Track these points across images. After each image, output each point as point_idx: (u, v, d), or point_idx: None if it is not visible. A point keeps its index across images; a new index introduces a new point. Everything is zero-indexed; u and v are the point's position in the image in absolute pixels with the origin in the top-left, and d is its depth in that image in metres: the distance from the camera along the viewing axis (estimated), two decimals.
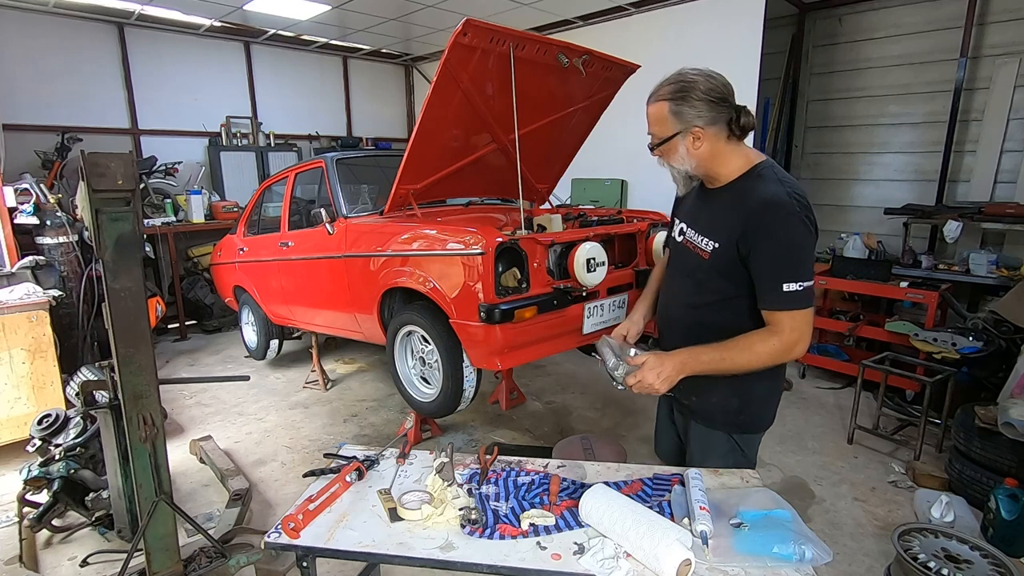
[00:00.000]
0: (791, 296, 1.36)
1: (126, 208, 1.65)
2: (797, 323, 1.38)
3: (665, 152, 1.50)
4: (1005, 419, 2.57)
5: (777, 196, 1.38)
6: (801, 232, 1.36)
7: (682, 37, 5.17)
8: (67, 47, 5.57)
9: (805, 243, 1.37)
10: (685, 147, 1.46)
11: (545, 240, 2.69)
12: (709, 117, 1.41)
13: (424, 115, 2.67)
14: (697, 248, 1.54)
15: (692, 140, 1.44)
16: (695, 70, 1.45)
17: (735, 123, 1.43)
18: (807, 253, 1.39)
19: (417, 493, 1.56)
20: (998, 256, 4.09)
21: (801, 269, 1.37)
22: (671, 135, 1.46)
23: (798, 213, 1.36)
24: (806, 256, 1.39)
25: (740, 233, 1.41)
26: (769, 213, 1.37)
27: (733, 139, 1.46)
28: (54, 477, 2.50)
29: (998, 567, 1.88)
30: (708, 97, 1.40)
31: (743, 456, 1.65)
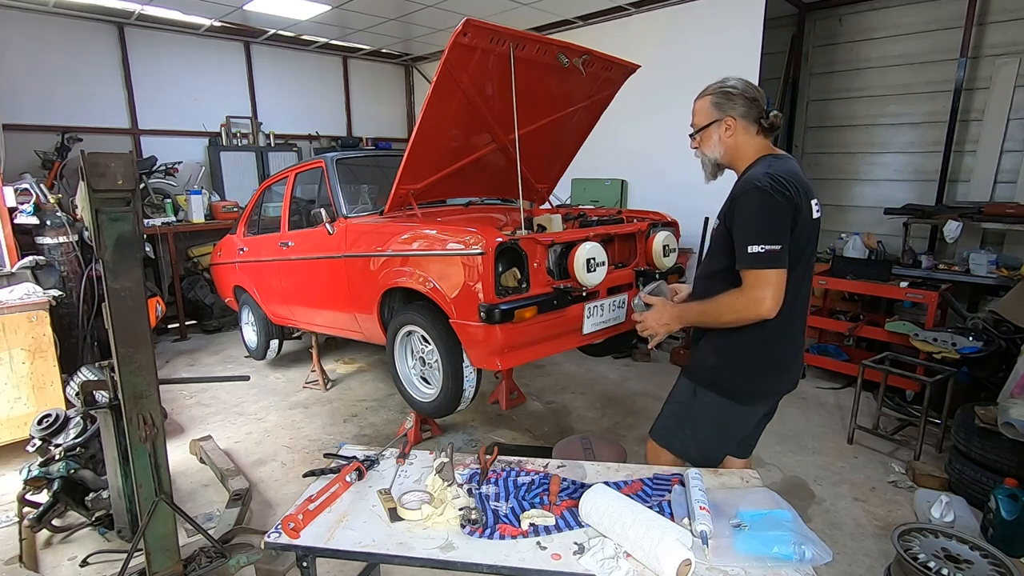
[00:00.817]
0: (754, 256, 1.54)
1: (126, 208, 1.65)
2: (759, 280, 1.55)
3: (702, 139, 1.76)
4: (1005, 419, 2.57)
5: (754, 175, 1.60)
6: (763, 200, 1.54)
7: (682, 37, 5.17)
8: (67, 47, 5.57)
9: (767, 210, 1.54)
10: (718, 135, 1.72)
11: (545, 240, 2.69)
12: (742, 111, 1.68)
13: (424, 115, 2.67)
14: (716, 229, 1.76)
15: (724, 129, 1.71)
16: (737, 78, 1.75)
17: (764, 119, 1.69)
18: (769, 219, 1.55)
19: (417, 493, 1.56)
20: (998, 256, 4.09)
21: (762, 233, 1.54)
22: (709, 123, 1.73)
23: (765, 186, 1.54)
24: (768, 222, 1.54)
25: (728, 209, 1.66)
26: (743, 188, 1.61)
27: (761, 134, 1.71)
28: (54, 477, 2.50)
29: (998, 567, 1.88)
30: (744, 95, 1.69)
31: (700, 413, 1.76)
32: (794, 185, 1.56)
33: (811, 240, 1.66)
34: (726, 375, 1.73)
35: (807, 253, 1.66)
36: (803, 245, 1.62)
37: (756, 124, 1.69)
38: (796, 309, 1.70)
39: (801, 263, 1.64)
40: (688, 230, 4.54)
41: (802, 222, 1.58)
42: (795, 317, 1.71)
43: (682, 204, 4.45)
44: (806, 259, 1.67)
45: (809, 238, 1.65)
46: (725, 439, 1.81)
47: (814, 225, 1.65)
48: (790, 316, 1.66)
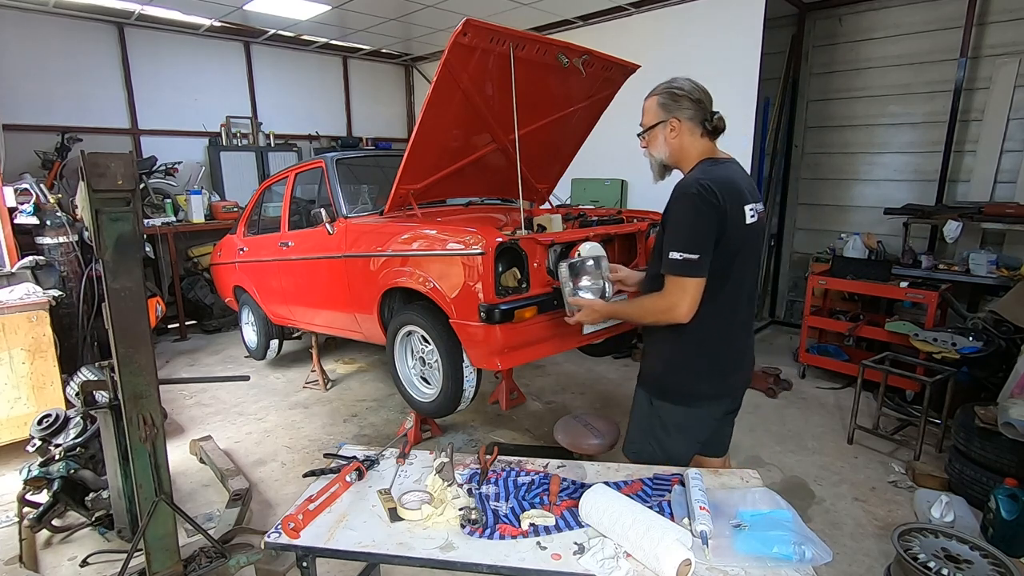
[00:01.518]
0: (672, 263, 1.59)
1: (126, 208, 1.65)
2: (674, 287, 1.61)
3: (649, 140, 1.78)
4: (1005, 419, 2.57)
5: (686, 181, 1.64)
6: (688, 209, 1.58)
7: (682, 37, 5.17)
8: (67, 47, 5.57)
9: (691, 218, 1.58)
10: (664, 136, 1.73)
11: (545, 240, 2.69)
12: (688, 113, 1.69)
13: (424, 115, 2.67)
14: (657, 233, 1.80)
15: (670, 130, 1.72)
16: (685, 78, 1.74)
17: (708, 122, 1.70)
18: (692, 228, 1.58)
19: (417, 493, 1.56)
20: (998, 256, 4.09)
21: (682, 240, 1.58)
22: (655, 123, 1.74)
23: (692, 194, 1.57)
24: (689, 231, 1.58)
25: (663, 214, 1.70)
26: (674, 194, 1.64)
27: (705, 136, 1.72)
28: (54, 477, 2.50)
29: (998, 567, 1.88)
30: (690, 96, 1.69)
31: (659, 422, 1.79)
32: (724, 193, 1.57)
33: (747, 245, 1.67)
34: (672, 381, 1.77)
35: (743, 258, 1.67)
36: (735, 251, 1.63)
37: (701, 126, 1.70)
38: (737, 313, 1.74)
39: (736, 268, 1.66)
40: None
41: (732, 229, 1.60)
42: (735, 321, 1.75)
43: None
44: (742, 263, 1.68)
45: (744, 244, 1.65)
46: (688, 443, 1.82)
47: (750, 230, 1.65)
48: (729, 320, 1.71)
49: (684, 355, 1.74)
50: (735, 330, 1.77)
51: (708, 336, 1.70)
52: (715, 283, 1.63)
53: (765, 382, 4.14)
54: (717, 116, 1.70)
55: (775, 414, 3.83)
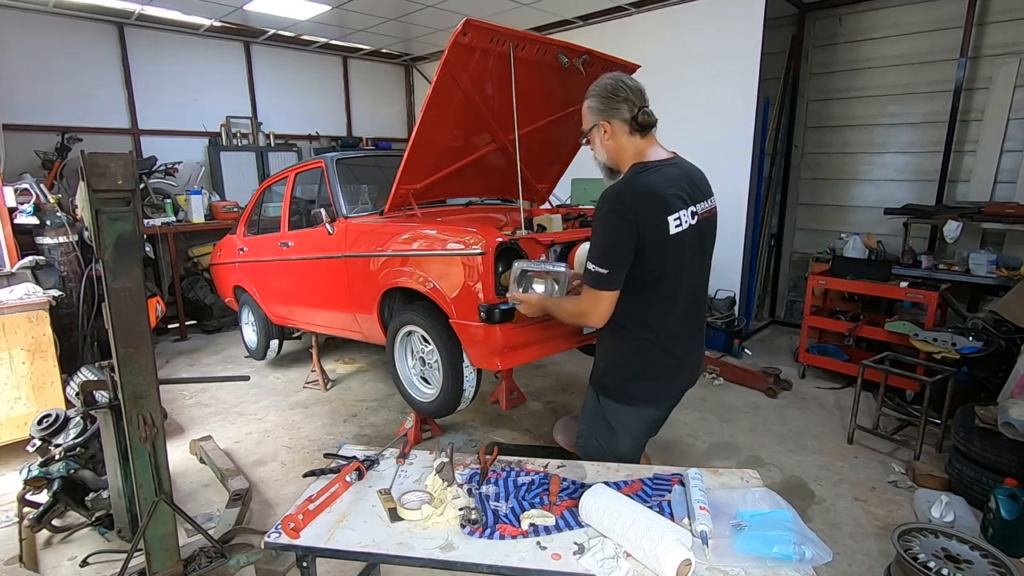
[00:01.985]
0: (587, 274, 1.62)
1: (126, 208, 1.65)
2: (588, 296, 1.64)
3: (590, 143, 1.76)
4: (1005, 419, 2.57)
5: (606, 191, 1.61)
6: (602, 222, 1.59)
7: (682, 37, 5.17)
8: (67, 47, 5.57)
9: (606, 232, 1.58)
10: (599, 139, 1.71)
11: (545, 240, 2.69)
12: (615, 113, 1.65)
13: (424, 115, 2.67)
14: None
15: (603, 133, 1.69)
16: (611, 76, 1.69)
17: (635, 120, 1.64)
18: (604, 243, 1.59)
19: (417, 493, 1.56)
20: (998, 256, 4.09)
21: (598, 252, 1.59)
22: (589, 128, 1.72)
23: (607, 209, 1.57)
24: (602, 245, 1.59)
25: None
26: (599, 203, 1.62)
27: (636, 135, 1.67)
28: (54, 477, 2.50)
29: (998, 567, 1.88)
30: (615, 95, 1.64)
31: (603, 420, 1.83)
32: (641, 205, 1.53)
33: (679, 253, 1.61)
34: (612, 380, 1.80)
35: (676, 265, 1.62)
36: (663, 261, 1.59)
37: (630, 125, 1.65)
38: (670, 321, 1.70)
39: (668, 277, 1.62)
40: None
41: (652, 241, 1.55)
42: (671, 328, 1.71)
43: None
44: (675, 271, 1.63)
45: (674, 253, 1.60)
46: (632, 441, 1.85)
47: (680, 239, 1.58)
48: (664, 327, 1.69)
49: (621, 358, 1.76)
50: (676, 342, 1.74)
51: (642, 342, 1.71)
52: (646, 291, 1.62)
53: (765, 382, 4.14)
54: (642, 112, 1.64)
55: (775, 414, 3.83)
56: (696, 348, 1.87)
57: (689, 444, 3.42)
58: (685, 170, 1.70)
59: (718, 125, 5.02)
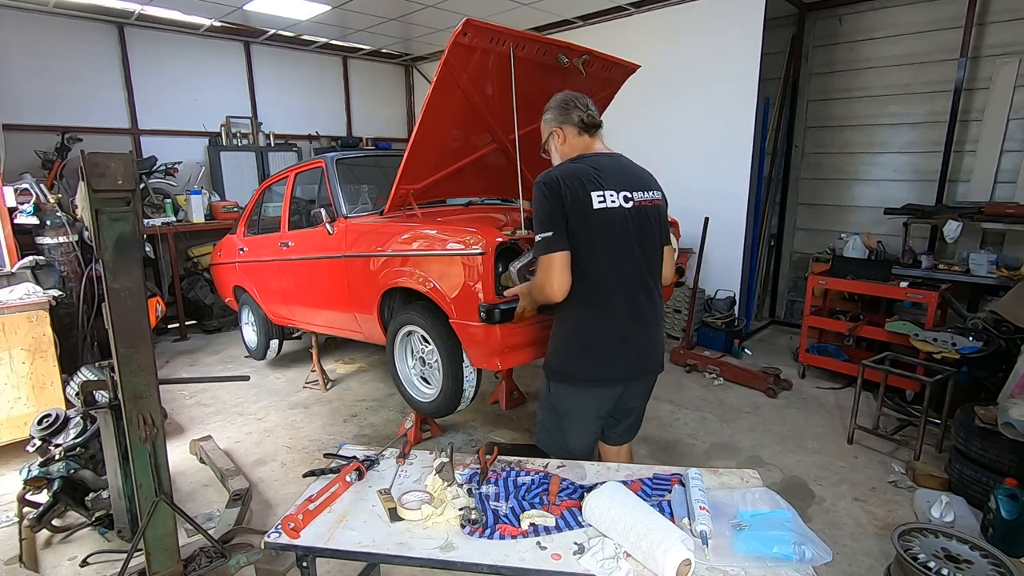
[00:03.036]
0: (536, 244, 1.77)
1: (126, 208, 1.65)
2: (542, 266, 1.77)
3: (549, 153, 2.00)
4: (1005, 419, 2.57)
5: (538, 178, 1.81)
6: (536, 198, 1.78)
7: (682, 37, 5.17)
8: (67, 47, 5.57)
9: (541, 205, 1.76)
10: (555, 146, 1.96)
11: None
12: (563, 118, 1.92)
13: (424, 115, 2.67)
14: None
15: (558, 139, 1.95)
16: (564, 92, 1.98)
17: (581, 121, 1.91)
18: (541, 212, 1.76)
19: (417, 493, 1.56)
20: (998, 256, 4.09)
21: (538, 224, 1.76)
22: (546, 138, 1.98)
23: (537, 184, 1.78)
24: (541, 215, 1.76)
25: None
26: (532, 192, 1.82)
27: (584, 134, 1.93)
28: (54, 477, 2.50)
29: (998, 567, 1.87)
30: (563, 104, 1.93)
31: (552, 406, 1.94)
32: (565, 180, 1.75)
33: (605, 231, 1.76)
34: (554, 362, 1.91)
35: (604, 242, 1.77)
36: (588, 235, 1.75)
37: (578, 127, 1.91)
38: (609, 302, 1.80)
39: (592, 253, 1.76)
40: (688, 230, 4.53)
41: (578, 215, 1.73)
42: (610, 310, 1.81)
43: (682, 204, 4.43)
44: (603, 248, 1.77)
45: (599, 229, 1.75)
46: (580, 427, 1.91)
47: (600, 215, 1.75)
48: (602, 306, 1.79)
49: (561, 336, 1.89)
50: (613, 317, 1.82)
51: (580, 322, 1.83)
52: (579, 268, 1.75)
53: (765, 382, 4.14)
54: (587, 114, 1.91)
55: (775, 414, 3.83)
56: (648, 333, 1.91)
57: (689, 444, 3.42)
58: (621, 162, 1.93)
59: (718, 125, 5.02)
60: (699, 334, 5.22)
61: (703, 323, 5.22)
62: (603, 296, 1.79)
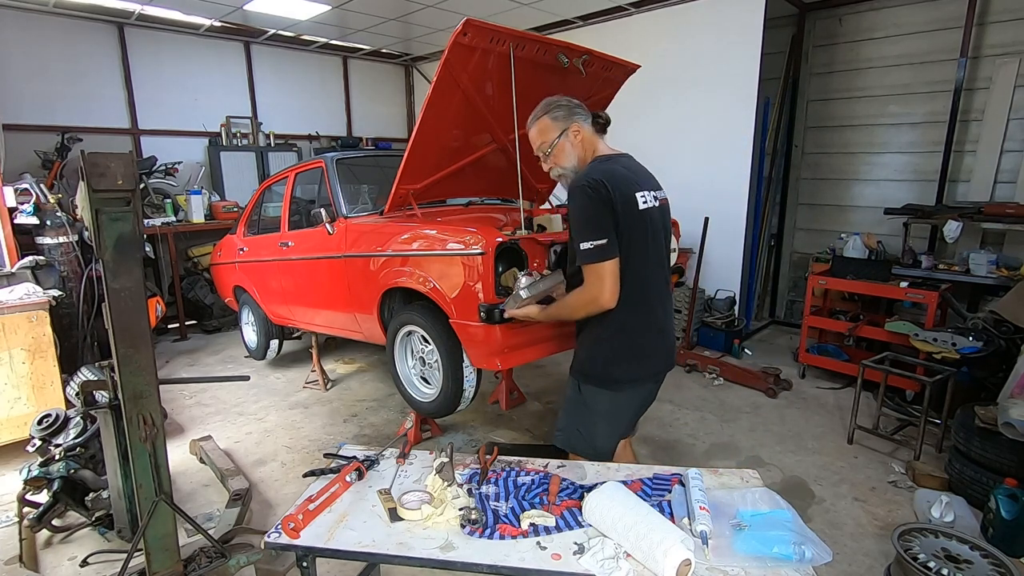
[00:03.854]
0: (584, 252, 1.69)
1: (126, 208, 1.65)
2: (592, 276, 1.70)
3: (555, 154, 1.88)
4: (1005, 419, 2.57)
5: (573, 182, 1.78)
6: (583, 202, 1.70)
7: (682, 37, 5.17)
8: (67, 47, 5.57)
9: (587, 211, 1.70)
10: (569, 143, 1.86)
11: (545, 240, 2.69)
12: (580, 116, 1.86)
13: (424, 115, 2.67)
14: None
15: (574, 135, 1.85)
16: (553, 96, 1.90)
17: (596, 120, 1.91)
18: (591, 218, 1.69)
19: (417, 493, 1.56)
20: (998, 256, 4.09)
21: (586, 231, 1.69)
22: (559, 135, 1.85)
23: (582, 187, 1.70)
24: (590, 220, 1.69)
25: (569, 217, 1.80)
26: (571, 191, 1.77)
27: (597, 133, 1.92)
28: (54, 477, 2.50)
29: (998, 567, 1.88)
30: (570, 105, 1.87)
31: (584, 406, 1.90)
32: (611, 182, 1.70)
33: (647, 230, 1.78)
34: (595, 365, 1.87)
35: (644, 241, 1.77)
36: (636, 236, 1.74)
37: (593, 125, 1.89)
38: (649, 300, 1.82)
39: (636, 252, 1.75)
40: (688, 230, 4.53)
41: (626, 216, 1.71)
42: (650, 308, 1.83)
43: (682, 204, 4.42)
44: (643, 247, 1.77)
45: (642, 229, 1.76)
46: (612, 430, 1.92)
47: (645, 215, 1.77)
48: (645, 306, 1.81)
49: (602, 340, 1.84)
50: (649, 314, 1.84)
51: (624, 324, 1.80)
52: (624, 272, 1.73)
53: (765, 382, 4.14)
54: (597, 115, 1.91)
55: (775, 414, 3.83)
56: (671, 327, 2.00)
57: (689, 444, 3.42)
58: (637, 162, 1.93)
59: (718, 125, 5.02)
60: (699, 334, 5.22)
61: (703, 323, 5.22)
62: (645, 296, 1.80)
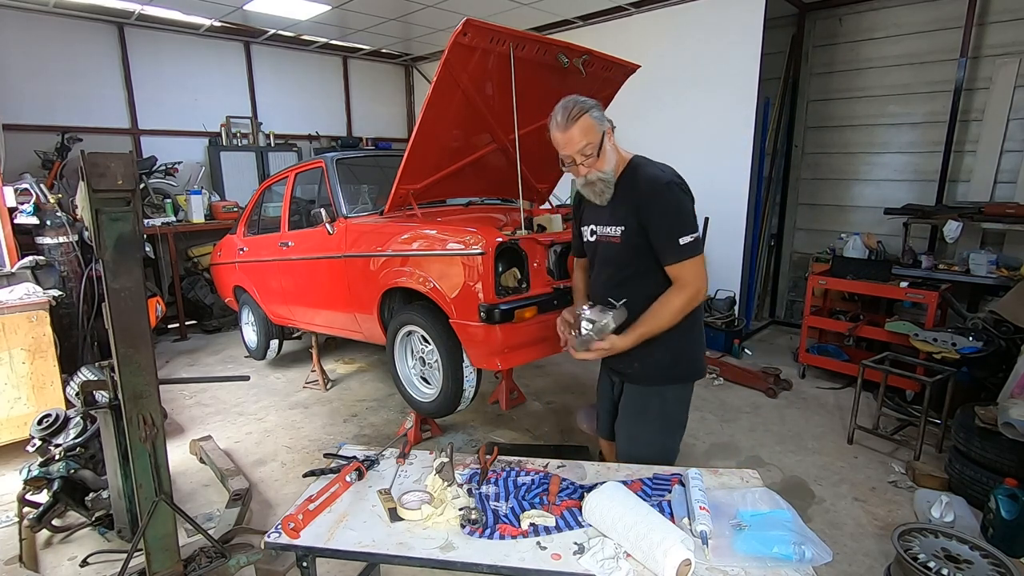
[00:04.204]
0: (685, 247, 1.67)
1: (126, 208, 1.65)
2: (696, 269, 1.69)
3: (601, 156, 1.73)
4: (1005, 419, 2.57)
5: (658, 176, 1.72)
6: (681, 197, 1.70)
7: (682, 37, 5.17)
8: (67, 47, 5.57)
9: (686, 205, 1.70)
10: (610, 144, 1.75)
11: (545, 240, 2.69)
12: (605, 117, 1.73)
13: (424, 115, 2.67)
14: (609, 238, 1.82)
15: (610, 137, 1.74)
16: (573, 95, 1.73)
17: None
18: (688, 212, 1.70)
19: (417, 493, 1.56)
20: (998, 256, 4.09)
21: (687, 224, 1.68)
22: (600, 137, 1.70)
23: (672, 184, 1.69)
24: (687, 215, 1.70)
25: (637, 211, 1.72)
26: (656, 189, 1.70)
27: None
28: (54, 477, 2.50)
29: (998, 567, 1.87)
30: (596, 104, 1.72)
31: (669, 413, 1.87)
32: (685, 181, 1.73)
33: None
34: (686, 361, 1.86)
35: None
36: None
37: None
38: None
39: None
40: None
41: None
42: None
43: None
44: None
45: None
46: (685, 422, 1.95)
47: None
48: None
49: (687, 333, 1.82)
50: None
51: (697, 315, 1.83)
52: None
53: (765, 382, 4.14)
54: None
55: (775, 414, 3.83)
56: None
57: (689, 444, 3.42)
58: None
59: (718, 125, 5.02)
60: None
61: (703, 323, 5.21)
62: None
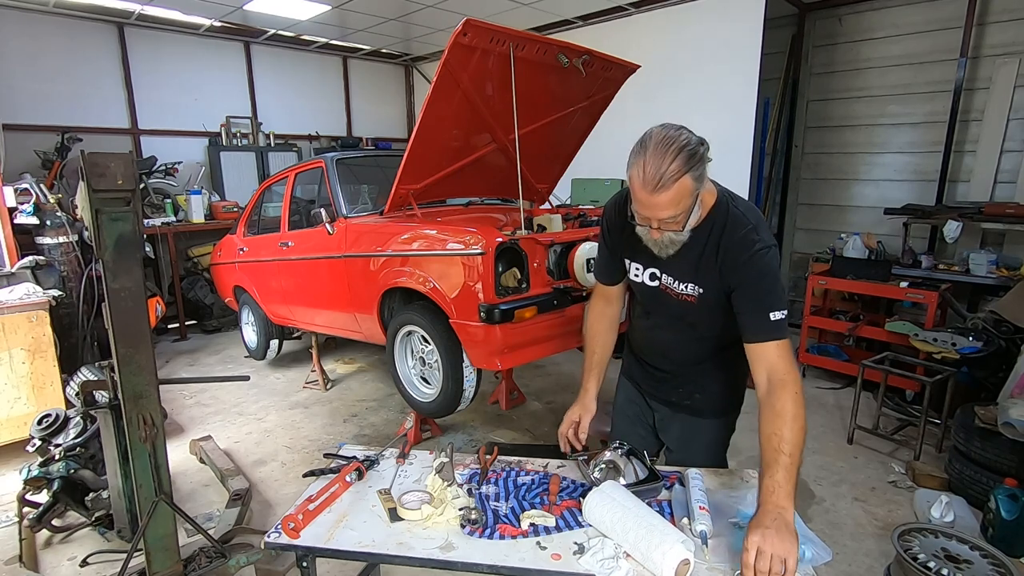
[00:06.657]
0: (778, 324, 1.40)
1: (126, 208, 1.65)
2: (790, 357, 1.43)
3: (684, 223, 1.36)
4: (1005, 419, 2.57)
5: (752, 239, 1.40)
6: (776, 264, 1.42)
7: (682, 37, 5.17)
8: (67, 47, 5.57)
9: (778, 274, 1.43)
10: (701, 201, 1.38)
11: (545, 240, 2.69)
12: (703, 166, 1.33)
13: (424, 115, 2.67)
14: (682, 295, 1.55)
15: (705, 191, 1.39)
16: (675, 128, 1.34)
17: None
18: (780, 282, 1.43)
19: (417, 493, 1.56)
20: (998, 256, 4.09)
21: (781, 297, 1.40)
22: (695, 199, 1.34)
23: (771, 249, 1.41)
24: (780, 285, 1.42)
25: (722, 274, 1.44)
26: (752, 256, 1.40)
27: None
28: (54, 477, 2.50)
29: (998, 567, 1.87)
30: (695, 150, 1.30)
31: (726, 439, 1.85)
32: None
33: None
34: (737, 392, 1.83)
35: None
36: None
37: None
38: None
39: None
40: None
41: None
42: None
43: None
44: None
45: None
46: None
47: None
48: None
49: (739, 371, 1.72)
50: None
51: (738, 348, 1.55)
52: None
53: None
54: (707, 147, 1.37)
55: None
56: None
57: None
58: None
59: (718, 125, 5.01)
60: None
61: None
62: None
